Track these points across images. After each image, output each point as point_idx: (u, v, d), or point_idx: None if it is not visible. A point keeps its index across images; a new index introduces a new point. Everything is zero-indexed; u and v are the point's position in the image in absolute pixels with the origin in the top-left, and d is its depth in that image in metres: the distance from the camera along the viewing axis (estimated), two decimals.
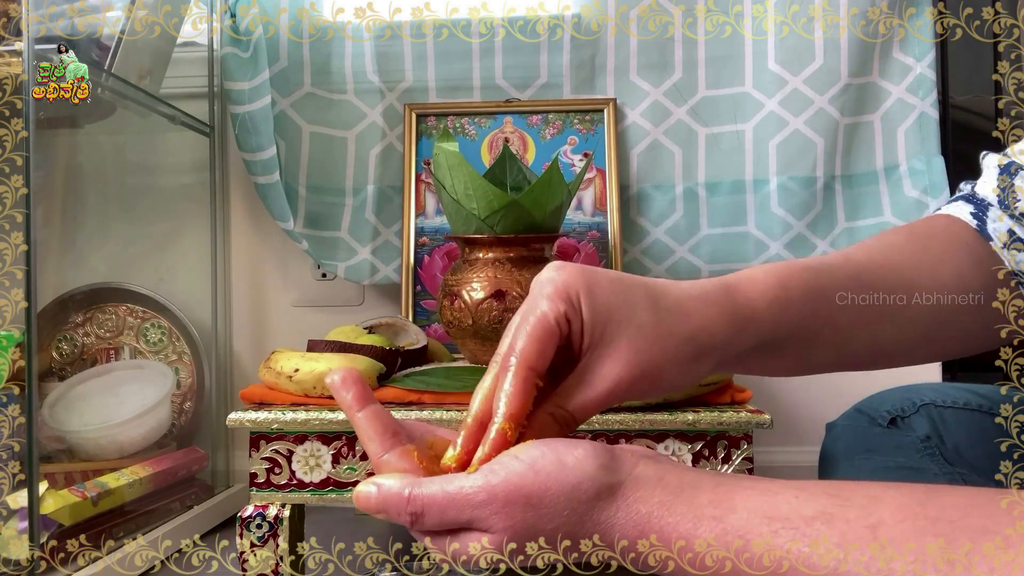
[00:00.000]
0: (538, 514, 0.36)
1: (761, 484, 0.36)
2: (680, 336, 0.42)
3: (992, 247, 0.56)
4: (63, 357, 1.41)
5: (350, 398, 0.42)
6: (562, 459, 0.37)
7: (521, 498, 0.36)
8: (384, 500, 0.38)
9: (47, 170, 1.40)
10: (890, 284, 0.52)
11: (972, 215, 0.58)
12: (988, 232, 0.57)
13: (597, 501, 0.36)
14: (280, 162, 1.38)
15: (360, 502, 0.39)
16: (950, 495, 0.33)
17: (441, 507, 0.37)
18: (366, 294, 1.50)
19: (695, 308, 0.43)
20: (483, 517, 0.36)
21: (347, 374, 0.42)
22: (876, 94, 1.35)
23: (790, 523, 0.34)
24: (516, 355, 0.40)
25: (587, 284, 0.42)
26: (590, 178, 1.37)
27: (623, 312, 0.42)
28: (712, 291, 0.45)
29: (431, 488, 0.37)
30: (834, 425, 0.74)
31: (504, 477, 0.36)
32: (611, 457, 0.38)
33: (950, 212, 0.59)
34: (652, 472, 0.37)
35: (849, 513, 0.33)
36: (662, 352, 0.42)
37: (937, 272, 0.54)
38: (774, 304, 0.46)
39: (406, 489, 0.38)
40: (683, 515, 0.35)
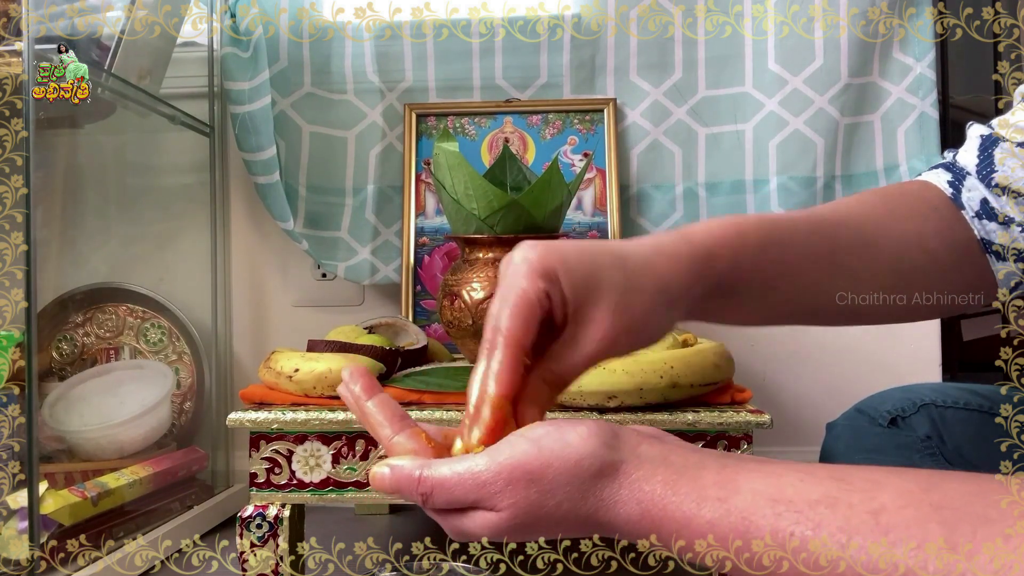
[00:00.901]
0: (541, 490, 0.37)
1: (766, 466, 0.36)
2: (651, 290, 0.44)
3: (963, 215, 0.57)
4: (63, 357, 1.41)
5: (359, 389, 0.44)
6: (565, 437, 0.38)
7: (524, 475, 0.37)
8: (397, 480, 0.40)
9: (47, 170, 1.40)
10: (849, 238, 0.53)
11: (949, 183, 0.59)
12: (961, 200, 0.58)
13: (599, 478, 0.37)
14: (280, 162, 1.38)
15: (375, 483, 0.41)
16: (953, 481, 0.33)
17: (449, 487, 0.38)
18: (366, 294, 1.50)
19: (659, 262, 0.45)
20: (489, 495, 0.37)
21: (355, 369, 0.45)
22: (876, 94, 1.35)
23: (793, 506, 0.34)
24: (502, 334, 0.41)
25: (561, 258, 0.43)
26: (590, 178, 1.37)
27: (597, 278, 0.43)
28: (671, 243, 0.47)
29: (440, 469, 0.39)
30: (834, 425, 0.74)
31: (509, 455, 0.37)
32: (614, 435, 0.38)
33: (928, 178, 0.60)
34: (656, 452, 0.38)
35: (852, 498, 0.33)
36: (638, 307, 0.44)
37: (899, 232, 0.55)
38: (729, 249, 0.48)
39: (416, 471, 0.39)
40: (687, 495, 0.36)
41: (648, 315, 0.44)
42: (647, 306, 0.44)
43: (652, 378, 0.84)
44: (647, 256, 0.45)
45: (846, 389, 1.37)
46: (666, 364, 0.85)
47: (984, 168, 0.57)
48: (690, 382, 0.85)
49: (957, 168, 0.59)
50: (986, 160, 0.58)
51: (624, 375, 0.84)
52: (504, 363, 0.41)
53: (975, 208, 0.57)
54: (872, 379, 1.42)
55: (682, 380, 0.85)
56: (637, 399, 0.84)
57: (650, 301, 0.44)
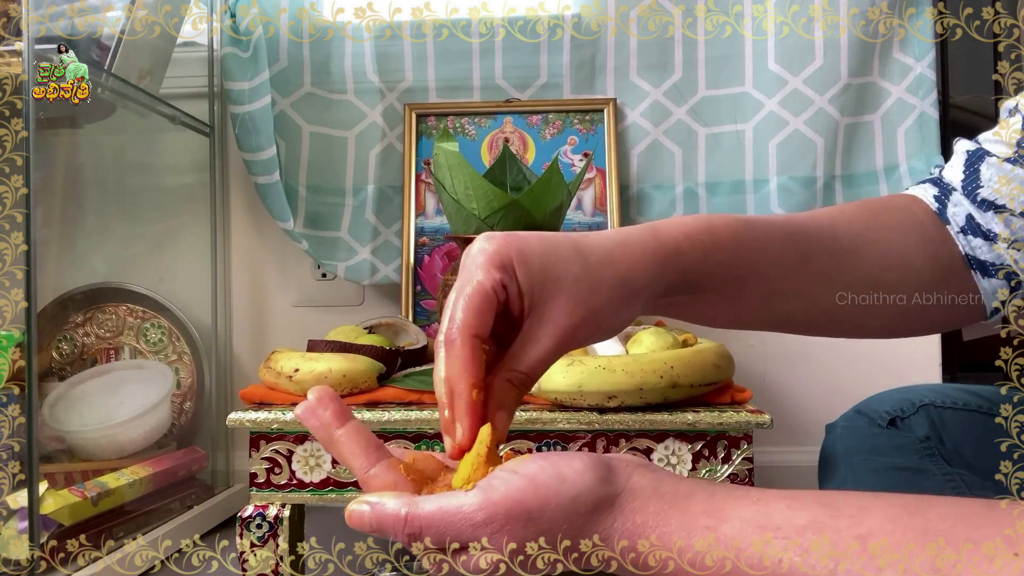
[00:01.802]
0: (539, 529, 0.36)
1: (753, 494, 0.37)
2: (610, 282, 0.44)
3: (948, 230, 0.57)
4: (63, 357, 1.41)
5: (328, 416, 0.41)
6: (561, 472, 0.37)
7: (522, 513, 0.36)
8: (379, 520, 0.37)
9: (47, 170, 1.40)
10: (827, 247, 0.53)
11: (935, 198, 0.59)
12: (947, 216, 0.58)
13: (595, 513, 0.36)
14: (280, 162, 1.38)
15: (353, 521, 0.38)
16: (938, 506, 0.33)
17: (440, 527, 0.36)
18: (366, 294, 1.50)
19: (621, 254, 0.45)
20: (484, 536, 0.36)
21: (323, 392, 0.41)
22: (876, 94, 1.35)
23: (782, 532, 0.34)
24: (458, 327, 0.41)
25: (518, 249, 0.42)
26: (590, 178, 1.37)
27: (556, 269, 0.43)
28: (636, 235, 0.46)
29: (428, 507, 0.36)
30: (834, 426, 0.74)
31: (504, 493, 0.36)
32: (608, 470, 0.38)
33: (915, 192, 0.60)
34: (648, 482, 0.38)
35: (840, 523, 0.33)
36: (597, 299, 0.43)
37: (880, 246, 0.55)
38: (698, 246, 0.47)
39: (403, 509, 0.36)
40: (677, 525, 0.36)
41: (606, 308, 0.44)
42: (604, 298, 0.44)
43: (652, 378, 0.84)
44: (609, 249, 0.45)
45: (846, 389, 1.37)
46: (666, 364, 0.85)
47: (969, 184, 0.57)
48: (690, 382, 0.85)
49: (943, 183, 0.59)
50: (972, 176, 0.58)
51: (624, 375, 0.84)
52: (465, 355, 0.40)
53: (960, 223, 0.57)
54: (872, 379, 1.42)
55: (682, 380, 0.85)
56: (637, 399, 0.84)
57: (608, 293, 0.44)
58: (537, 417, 0.85)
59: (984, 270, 0.56)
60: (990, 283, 0.56)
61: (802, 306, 0.53)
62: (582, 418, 0.84)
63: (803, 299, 0.53)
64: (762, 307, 0.52)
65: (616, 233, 0.46)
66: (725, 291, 0.50)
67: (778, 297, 0.52)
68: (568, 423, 0.84)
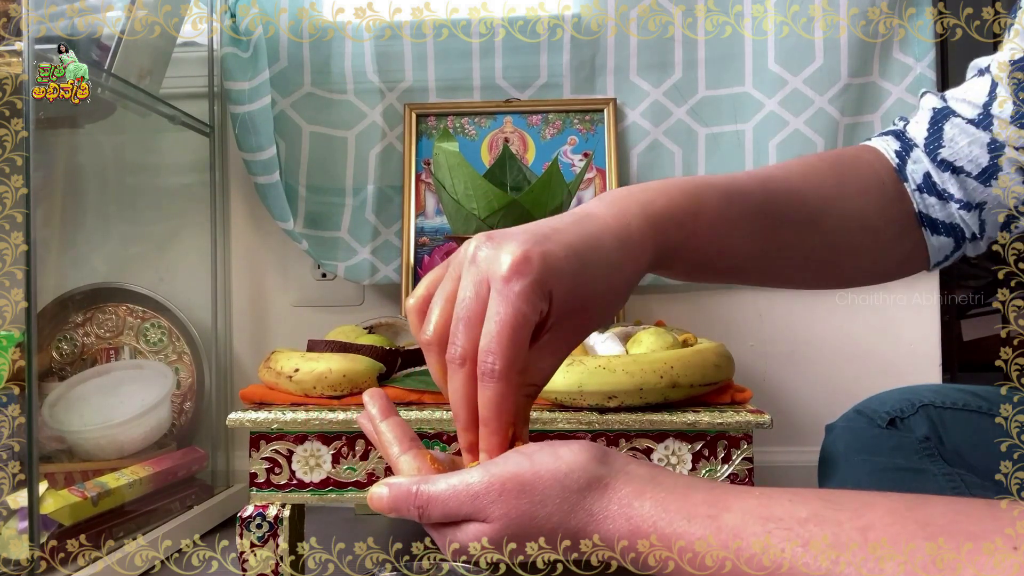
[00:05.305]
0: (531, 500, 0.37)
1: (755, 490, 0.37)
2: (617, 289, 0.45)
3: (906, 188, 0.58)
4: (63, 357, 1.41)
5: (376, 410, 0.45)
6: (557, 451, 0.39)
7: (516, 485, 0.37)
8: (394, 498, 0.40)
9: (47, 170, 1.40)
10: (793, 216, 0.54)
11: (896, 153, 0.59)
12: (905, 173, 0.58)
13: (588, 491, 0.37)
14: (280, 162, 1.38)
15: (373, 503, 0.41)
16: (937, 503, 0.34)
17: (444, 499, 0.38)
18: (366, 294, 1.50)
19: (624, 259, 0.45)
20: (481, 507, 0.38)
21: (373, 392, 0.47)
22: (876, 94, 1.35)
23: (784, 524, 0.34)
24: (501, 362, 0.39)
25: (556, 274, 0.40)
26: (590, 178, 1.37)
27: (583, 292, 0.42)
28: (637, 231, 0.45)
29: (439, 484, 0.39)
30: (834, 426, 0.74)
31: (503, 467, 0.38)
32: (604, 453, 0.39)
33: (880, 146, 0.60)
34: (645, 471, 0.38)
35: (841, 516, 0.34)
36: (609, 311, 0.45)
37: (842, 209, 0.56)
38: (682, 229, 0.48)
39: (414, 486, 0.40)
40: (676, 512, 0.36)
41: (610, 315, 0.46)
42: (613, 308, 0.45)
43: (652, 378, 0.84)
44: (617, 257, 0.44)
45: (846, 389, 1.38)
46: (666, 364, 0.85)
47: (932, 142, 0.58)
48: (690, 382, 0.85)
49: (906, 137, 0.60)
50: (935, 134, 0.58)
51: (624, 375, 0.84)
52: (506, 392, 0.39)
53: (918, 181, 0.58)
54: (872, 379, 1.42)
55: (682, 380, 0.85)
56: (637, 399, 0.84)
57: (616, 302, 0.45)
58: (537, 417, 0.85)
59: (934, 227, 0.58)
60: (938, 240, 0.58)
61: (760, 271, 0.55)
62: (582, 418, 0.84)
63: (762, 267, 0.54)
64: (724, 275, 0.54)
65: (619, 225, 0.44)
66: (693, 265, 0.51)
67: (738, 268, 0.53)
68: (568, 423, 0.84)
